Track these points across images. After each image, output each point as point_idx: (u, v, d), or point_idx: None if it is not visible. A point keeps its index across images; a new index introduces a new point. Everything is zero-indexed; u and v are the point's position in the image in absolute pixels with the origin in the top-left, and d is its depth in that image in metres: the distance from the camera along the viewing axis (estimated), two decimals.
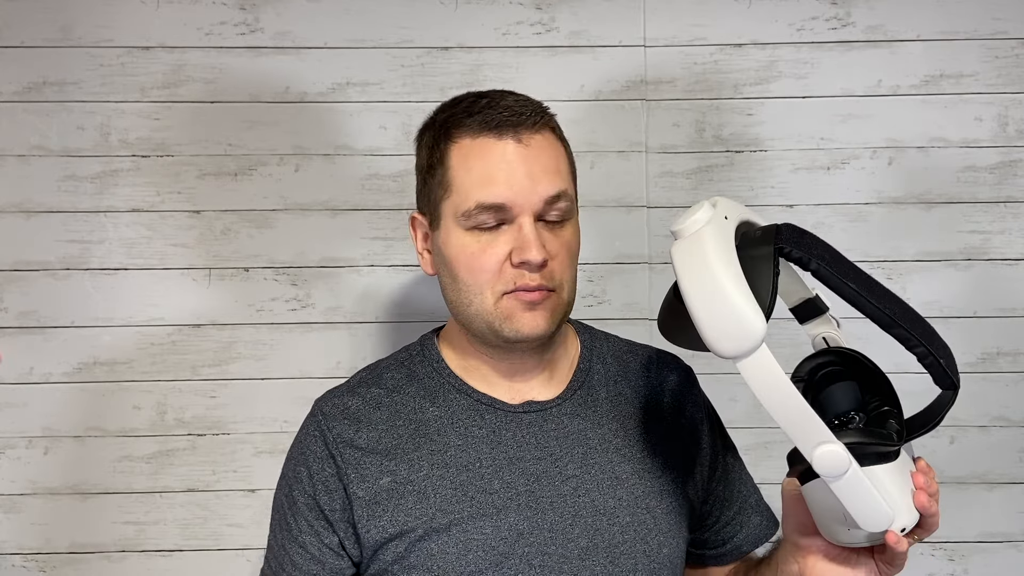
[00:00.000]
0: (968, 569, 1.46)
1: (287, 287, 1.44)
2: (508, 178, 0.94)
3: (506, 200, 0.94)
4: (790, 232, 0.88)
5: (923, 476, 0.87)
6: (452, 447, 0.99)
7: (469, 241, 0.96)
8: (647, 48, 1.45)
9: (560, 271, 0.97)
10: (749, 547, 1.12)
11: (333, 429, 1.01)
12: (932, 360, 0.86)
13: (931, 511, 0.86)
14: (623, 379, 1.08)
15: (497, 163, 0.95)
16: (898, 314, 0.87)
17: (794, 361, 0.94)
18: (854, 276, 0.87)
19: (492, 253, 0.95)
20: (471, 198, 0.95)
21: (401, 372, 1.06)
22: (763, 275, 0.83)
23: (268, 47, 1.44)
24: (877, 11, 1.45)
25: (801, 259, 0.86)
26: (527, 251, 0.94)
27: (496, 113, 0.96)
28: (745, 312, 0.79)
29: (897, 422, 0.87)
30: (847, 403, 0.91)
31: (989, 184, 1.45)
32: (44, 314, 1.42)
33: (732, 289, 0.80)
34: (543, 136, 0.98)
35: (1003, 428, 1.45)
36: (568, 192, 0.98)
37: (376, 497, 0.98)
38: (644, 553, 0.99)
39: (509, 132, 0.96)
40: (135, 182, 1.43)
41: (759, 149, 1.45)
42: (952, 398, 0.88)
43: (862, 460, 0.83)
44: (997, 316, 1.45)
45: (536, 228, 0.95)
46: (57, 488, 1.42)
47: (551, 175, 0.96)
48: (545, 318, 0.97)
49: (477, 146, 0.96)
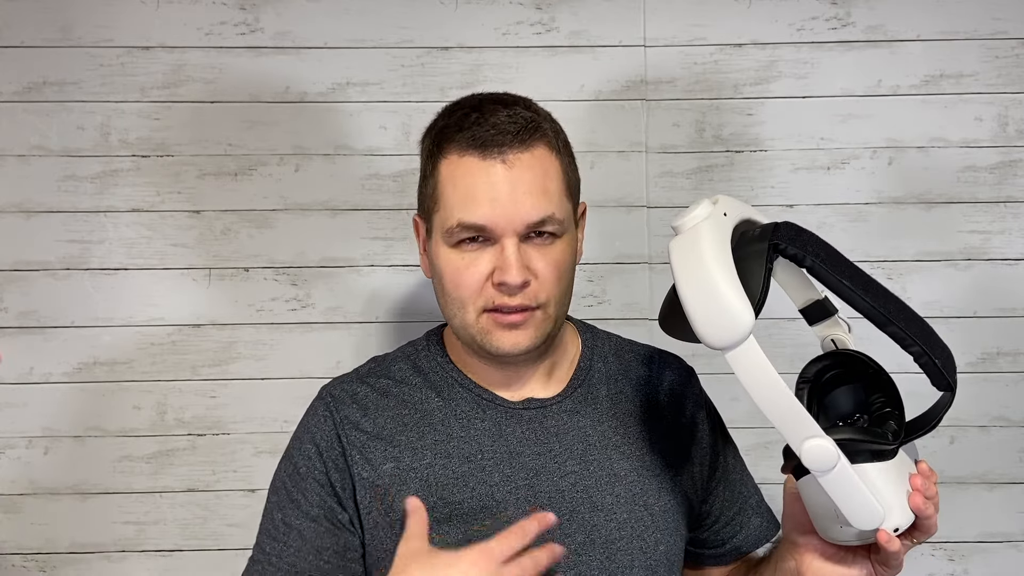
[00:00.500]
0: (968, 569, 1.46)
1: (287, 287, 1.44)
2: (490, 200, 0.94)
3: (487, 222, 0.94)
4: (787, 229, 0.88)
5: (921, 478, 0.87)
6: (455, 438, 1.00)
7: (454, 257, 0.97)
8: (647, 48, 1.45)
9: (547, 289, 0.97)
10: (748, 548, 1.12)
11: (341, 411, 1.02)
12: (927, 360, 0.86)
13: (926, 513, 0.86)
14: (623, 377, 1.08)
15: (480, 184, 0.94)
16: (893, 312, 0.87)
17: (797, 360, 0.94)
18: (849, 274, 0.88)
19: (475, 270, 0.96)
20: (454, 216, 0.95)
21: (407, 365, 1.07)
22: (755, 269, 0.84)
23: (268, 47, 1.44)
24: (877, 11, 1.45)
25: (796, 256, 0.87)
26: (506, 273, 0.94)
27: (483, 131, 0.95)
28: (733, 303, 0.80)
29: (896, 423, 0.87)
30: (851, 405, 0.91)
31: (989, 184, 1.45)
32: (44, 314, 1.42)
33: (721, 280, 0.81)
34: (533, 154, 0.96)
35: (1003, 428, 1.45)
36: (555, 216, 0.96)
37: (379, 481, 0.98)
38: (641, 550, 0.99)
39: (494, 152, 0.94)
40: (135, 182, 1.43)
41: (759, 149, 1.46)
42: (949, 400, 0.88)
43: (854, 457, 0.83)
44: (997, 316, 1.45)
45: (520, 248, 0.94)
46: (57, 488, 1.42)
47: (536, 198, 0.94)
48: (527, 336, 0.97)
49: (463, 164, 0.95)
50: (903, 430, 0.87)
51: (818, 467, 0.82)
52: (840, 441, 0.83)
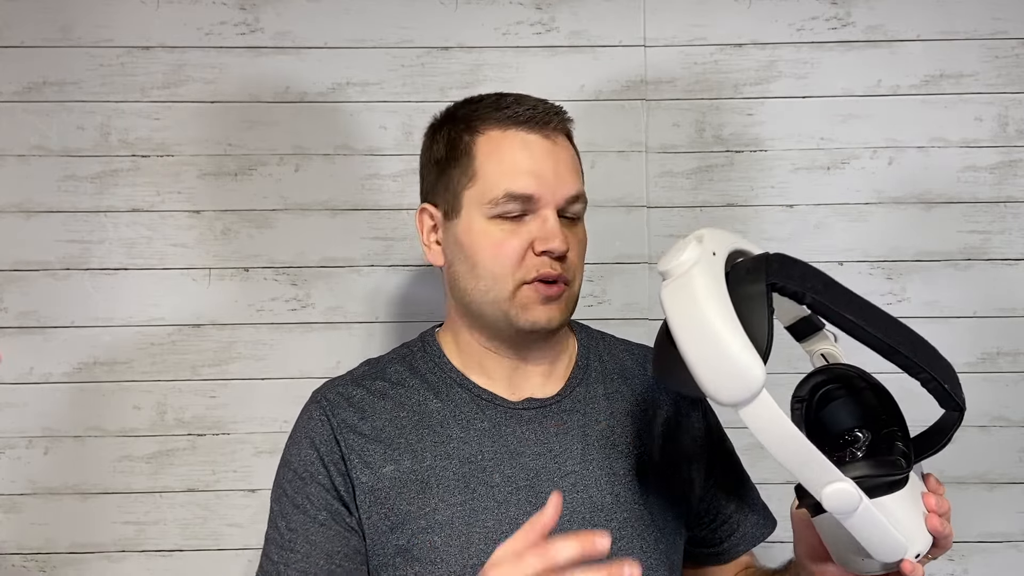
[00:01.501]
0: (968, 569, 1.46)
1: (287, 287, 1.44)
2: (537, 171, 0.98)
3: (534, 191, 0.97)
4: (780, 265, 0.86)
5: (934, 498, 0.87)
6: (455, 439, 1.00)
7: (493, 229, 0.98)
8: (647, 48, 1.45)
9: (575, 264, 1.01)
10: (747, 546, 1.12)
11: (337, 415, 1.01)
12: (936, 385, 0.85)
13: (944, 532, 0.86)
14: (620, 376, 1.08)
15: (528, 156, 0.99)
16: (898, 341, 0.85)
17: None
18: (850, 305, 0.86)
19: (515, 242, 0.98)
20: (499, 187, 0.97)
21: (403, 366, 1.06)
22: (758, 315, 0.80)
23: (268, 47, 1.44)
24: (877, 11, 1.45)
25: (796, 293, 0.85)
26: (551, 240, 0.97)
27: (524, 109, 1.00)
28: (743, 360, 0.77)
29: (904, 444, 0.85)
30: (850, 420, 0.89)
31: (989, 184, 1.45)
32: (44, 314, 1.42)
33: (728, 336, 0.77)
34: (563, 138, 1.02)
35: (1003, 428, 1.45)
36: (584, 195, 1.02)
37: (379, 484, 0.98)
38: (641, 549, 0.99)
39: (538, 128, 1.00)
40: (135, 182, 1.43)
41: (759, 149, 1.45)
42: (958, 420, 0.86)
43: (872, 492, 0.81)
44: (997, 316, 1.45)
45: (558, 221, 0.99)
46: (57, 488, 1.42)
47: (573, 175, 1.01)
48: (560, 310, 1.00)
49: (508, 138, 0.99)
50: (911, 450, 0.86)
51: (841, 510, 0.80)
52: (857, 479, 0.81)
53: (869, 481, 0.81)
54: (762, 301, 0.81)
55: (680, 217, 1.45)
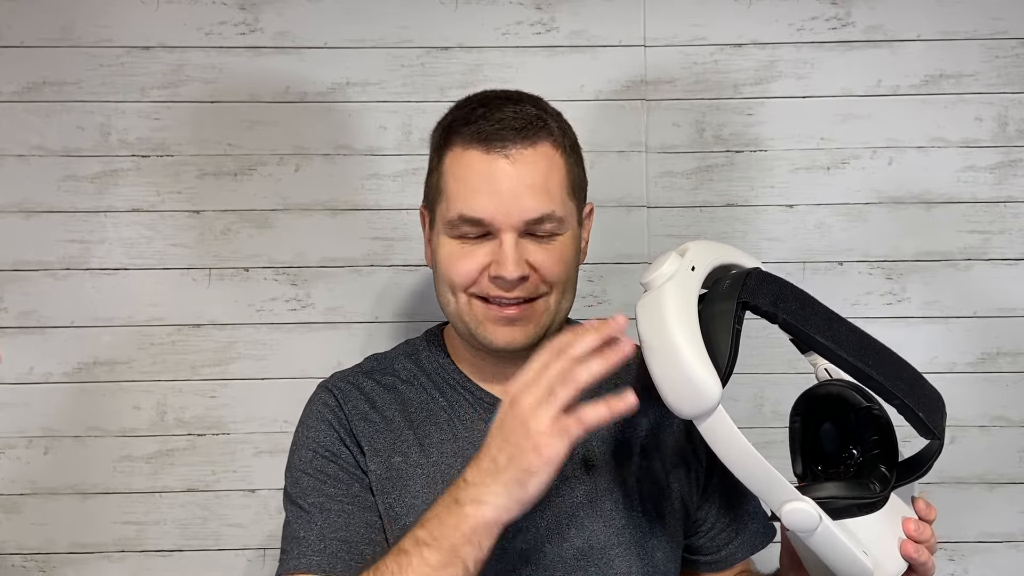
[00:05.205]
0: (968, 569, 1.46)
1: (287, 287, 1.44)
2: (491, 195, 0.94)
3: (485, 216, 0.94)
4: (755, 283, 0.85)
5: (914, 523, 0.85)
6: (459, 439, 1.01)
7: (453, 247, 0.97)
8: (647, 48, 1.45)
9: (549, 278, 0.97)
10: (744, 554, 1.11)
11: (348, 403, 1.02)
12: (910, 413, 0.84)
13: (919, 560, 0.84)
14: (619, 381, 1.08)
15: (481, 178, 0.95)
16: (873, 364, 0.84)
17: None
18: (824, 328, 0.85)
19: (472, 261, 0.96)
20: (455, 209, 0.96)
21: (411, 363, 1.07)
22: (722, 333, 0.82)
23: (268, 47, 1.44)
24: (877, 11, 1.44)
25: (767, 313, 0.84)
26: (502, 267, 0.94)
27: (488, 126, 0.95)
28: (698, 376, 0.79)
29: (887, 467, 0.85)
30: (840, 439, 0.89)
31: (989, 184, 1.45)
32: (44, 314, 1.42)
33: (685, 352, 0.79)
34: (536, 150, 0.96)
35: (1003, 428, 1.45)
36: (554, 214, 0.96)
37: (387, 473, 0.98)
38: (639, 556, 0.99)
39: (498, 147, 0.94)
40: (135, 182, 1.43)
41: (759, 149, 1.45)
42: (938, 449, 0.85)
43: (839, 513, 0.81)
44: (997, 316, 1.45)
45: (519, 244, 0.94)
46: (57, 488, 1.42)
47: (537, 195, 0.95)
48: (524, 332, 0.97)
49: (466, 158, 0.96)
50: (894, 474, 0.85)
51: (800, 529, 0.81)
52: (824, 500, 0.81)
53: (836, 502, 0.82)
54: (728, 319, 0.82)
55: (680, 217, 1.45)
